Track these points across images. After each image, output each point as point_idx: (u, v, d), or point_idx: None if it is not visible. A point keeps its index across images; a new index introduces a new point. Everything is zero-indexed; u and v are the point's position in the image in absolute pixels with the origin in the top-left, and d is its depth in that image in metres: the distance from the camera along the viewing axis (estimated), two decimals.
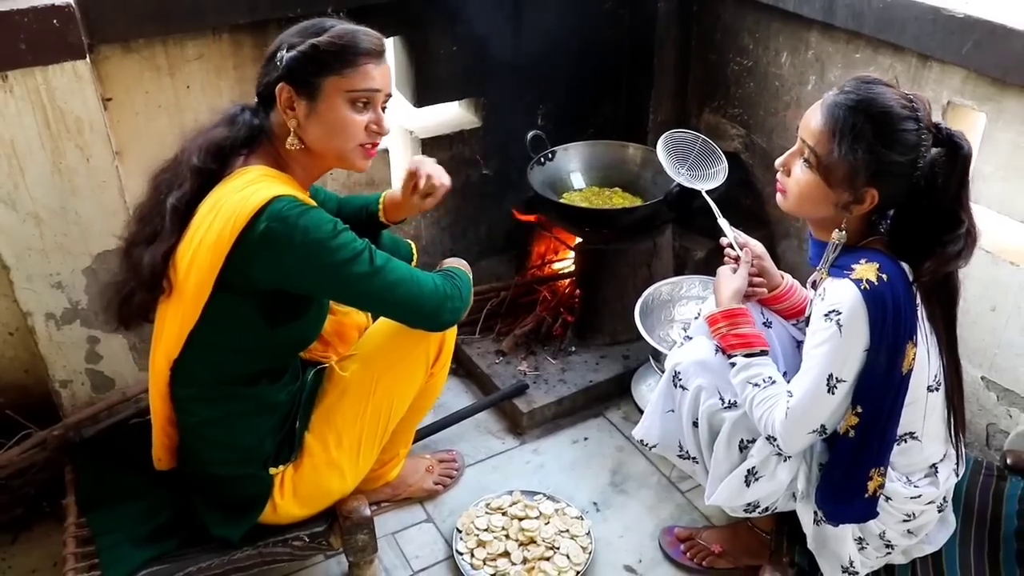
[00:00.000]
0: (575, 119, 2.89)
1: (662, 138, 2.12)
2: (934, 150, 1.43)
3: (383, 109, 1.61)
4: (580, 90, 2.85)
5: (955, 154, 1.42)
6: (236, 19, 2.09)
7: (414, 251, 1.97)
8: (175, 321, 1.56)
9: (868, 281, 1.44)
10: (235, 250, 1.47)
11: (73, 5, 1.80)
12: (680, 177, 2.09)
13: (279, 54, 1.53)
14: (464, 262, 1.84)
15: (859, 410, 1.50)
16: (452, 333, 1.88)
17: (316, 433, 1.72)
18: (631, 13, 2.79)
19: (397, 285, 1.58)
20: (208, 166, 1.54)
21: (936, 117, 1.48)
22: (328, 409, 1.73)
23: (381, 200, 1.89)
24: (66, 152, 1.91)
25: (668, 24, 2.75)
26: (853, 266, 1.47)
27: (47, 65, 1.81)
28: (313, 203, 1.55)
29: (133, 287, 1.58)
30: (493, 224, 2.88)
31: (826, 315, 1.47)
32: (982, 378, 2.15)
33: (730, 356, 1.66)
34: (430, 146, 2.67)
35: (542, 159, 2.69)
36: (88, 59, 1.86)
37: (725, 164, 2.09)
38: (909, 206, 1.48)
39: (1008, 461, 1.89)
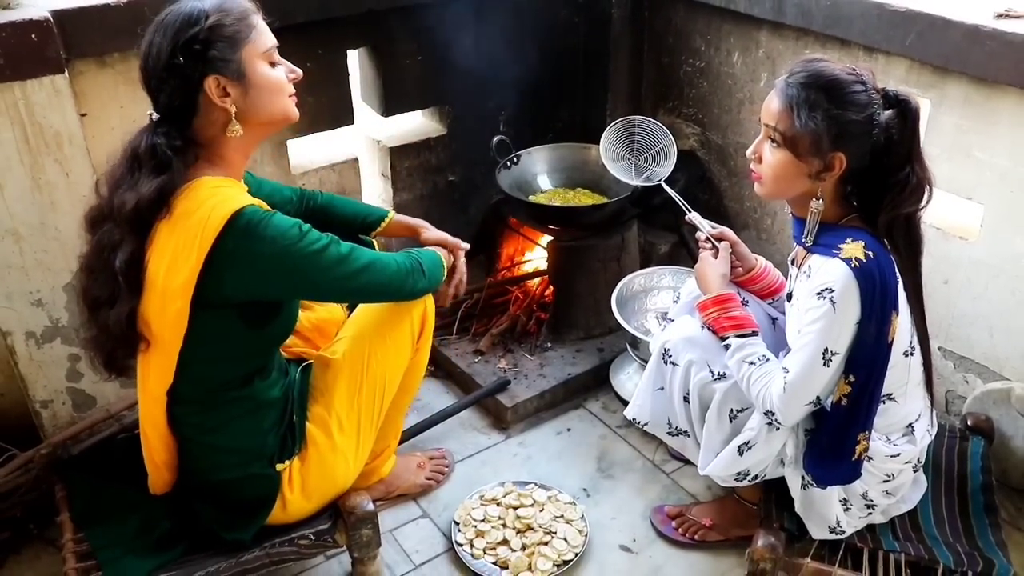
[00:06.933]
0: (535, 124, 2.97)
1: (602, 149, 2.22)
2: (886, 112, 1.54)
3: None
4: (539, 95, 2.92)
5: (906, 111, 1.54)
6: None
7: (376, 245, 2.01)
8: (161, 356, 1.55)
9: (857, 259, 1.54)
10: (206, 271, 1.46)
11: (51, 19, 1.80)
12: (636, 180, 2.19)
13: (176, 59, 1.45)
14: (439, 251, 1.92)
15: (851, 379, 1.59)
16: (431, 308, 1.95)
17: (317, 421, 1.75)
18: (586, 20, 2.89)
19: (362, 272, 1.62)
20: (153, 218, 1.49)
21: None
22: (324, 395, 1.77)
23: (387, 220, 2.02)
24: (45, 167, 1.90)
25: (621, 30, 2.84)
26: (840, 245, 1.57)
27: (25, 80, 1.81)
28: (268, 208, 1.54)
29: (112, 345, 1.57)
30: (460, 229, 2.85)
31: (819, 293, 1.56)
32: (939, 348, 2.28)
33: (723, 338, 1.75)
34: (398, 155, 2.72)
35: (508, 163, 2.75)
36: (66, 73, 1.86)
37: (671, 137, 2.20)
38: (873, 167, 1.58)
39: (969, 423, 2.03)
